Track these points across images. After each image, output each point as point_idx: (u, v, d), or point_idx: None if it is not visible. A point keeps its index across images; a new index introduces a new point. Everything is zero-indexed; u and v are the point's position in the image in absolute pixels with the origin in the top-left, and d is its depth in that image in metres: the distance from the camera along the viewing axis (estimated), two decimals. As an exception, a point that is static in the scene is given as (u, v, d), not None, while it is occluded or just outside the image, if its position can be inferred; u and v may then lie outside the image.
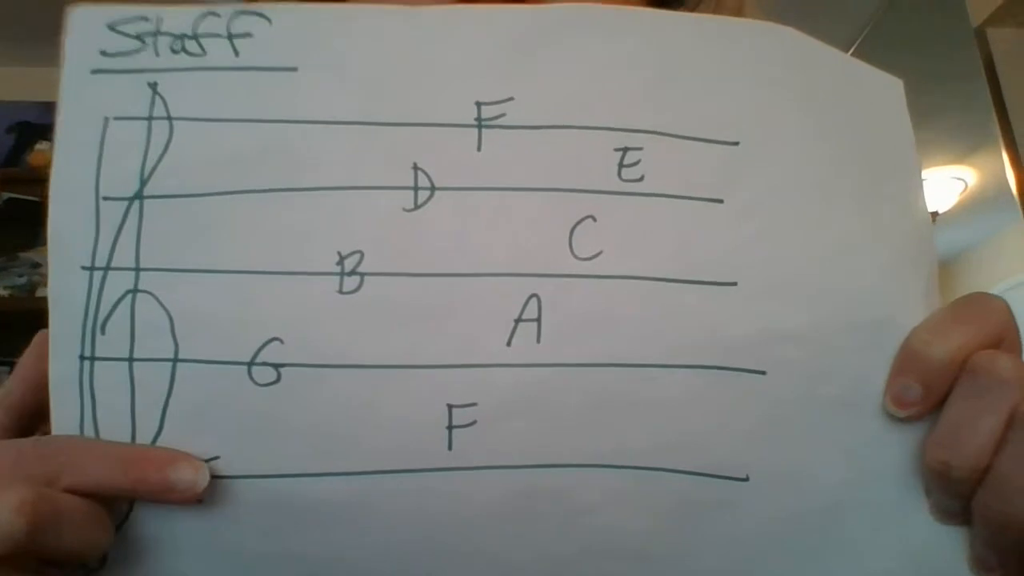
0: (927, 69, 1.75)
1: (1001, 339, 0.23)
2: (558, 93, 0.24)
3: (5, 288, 1.61)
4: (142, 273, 0.23)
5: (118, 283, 0.23)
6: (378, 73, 0.24)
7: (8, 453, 0.21)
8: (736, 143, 0.25)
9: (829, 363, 0.24)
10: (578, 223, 0.24)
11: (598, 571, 0.24)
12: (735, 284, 0.24)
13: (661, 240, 0.24)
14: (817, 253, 0.24)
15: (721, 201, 0.24)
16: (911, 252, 0.26)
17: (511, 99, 0.24)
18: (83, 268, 0.23)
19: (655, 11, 0.27)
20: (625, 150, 0.24)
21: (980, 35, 1.54)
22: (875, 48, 1.77)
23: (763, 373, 0.24)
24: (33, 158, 1.73)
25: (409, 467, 0.23)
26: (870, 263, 0.25)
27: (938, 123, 2.03)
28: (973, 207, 2.44)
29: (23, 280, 1.62)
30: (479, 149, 0.24)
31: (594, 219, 0.24)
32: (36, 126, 1.80)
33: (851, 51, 1.79)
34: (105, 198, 0.23)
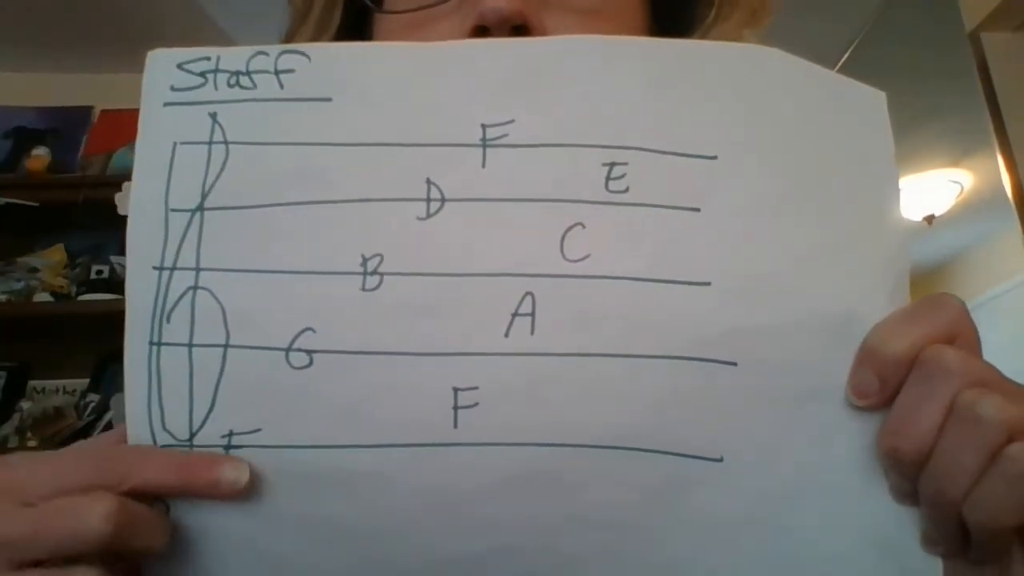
0: (922, 73, 1.76)
1: (955, 336, 0.25)
2: (554, 115, 0.27)
3: (3, 293, 1.60)
4: (201, 273, 0.27)
5: (181, 281, 0.27)
6: (398, 101, 0.27)
7: (87, 462, 0.25)
8: (714, 157, 0.27)
9: (796, 356, 0.26)
10: (569, 229, 0.26)
11: (586, 539, 0.26)
12: (709, 284, 0.26)
13: (642, 244, 0.26)
14: (787, 257, 0.27)
15: (698, 210, 0.27)
16: (882, 256, 0.27)
17: (512, 121, 0.27)
18: (153, 268, 0.27)
19: (644, 39, 0.29)
20: (612, 164, 0.27)
21: (974, 39, 1.54)
22: (870, 54, 1.77)
23: (735, 364, 0.26)
24: (30, 163, 1.72)
25: (420, 441, 0.26)
26: (838, 266, 0.27)
27: (934, 126, 2.03)
28: (969, 210, 2.44)
29: (20, 285, 1.61)
30: (484, 166, 0.27)
31: (583, 226, 0.26)
32: (33, 131, 1.79)
33: (846, 57, 1.80)
34: (173, 210, 0.27)
